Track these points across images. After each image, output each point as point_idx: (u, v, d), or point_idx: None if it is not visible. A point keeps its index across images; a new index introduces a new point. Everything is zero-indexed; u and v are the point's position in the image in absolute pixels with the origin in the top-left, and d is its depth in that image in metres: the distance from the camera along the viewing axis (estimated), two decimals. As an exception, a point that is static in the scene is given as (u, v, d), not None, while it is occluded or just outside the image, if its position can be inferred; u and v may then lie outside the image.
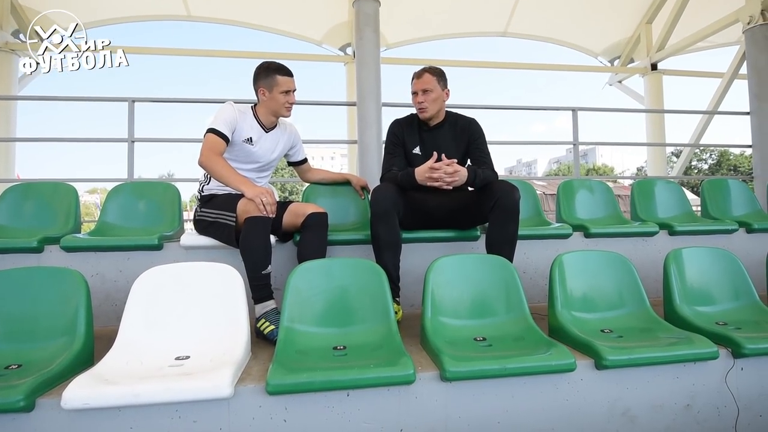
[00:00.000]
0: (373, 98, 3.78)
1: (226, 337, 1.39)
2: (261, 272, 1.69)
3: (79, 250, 1.93)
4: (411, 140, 2.13)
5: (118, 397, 1.10)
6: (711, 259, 1.87)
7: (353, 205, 2.41)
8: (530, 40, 7.42)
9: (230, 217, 1.80)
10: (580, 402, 1.37)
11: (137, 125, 3.47)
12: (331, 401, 1.23)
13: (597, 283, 1.72)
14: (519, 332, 1.52)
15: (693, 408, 1.44)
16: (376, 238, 1.86)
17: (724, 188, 2.95)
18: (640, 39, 6.96)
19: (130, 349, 1.35)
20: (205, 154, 1.83)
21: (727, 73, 5.29)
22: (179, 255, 1.98)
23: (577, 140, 4.24)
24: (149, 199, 2.31)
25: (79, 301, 1.41)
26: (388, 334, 1.44)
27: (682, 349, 1.40)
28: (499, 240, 1.87)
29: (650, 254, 2.45)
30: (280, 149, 2.11)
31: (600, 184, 2.85)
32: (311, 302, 1.51)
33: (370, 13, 3.95)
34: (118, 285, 1.95)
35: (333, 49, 6.79)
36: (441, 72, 2.10)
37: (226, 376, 1.15)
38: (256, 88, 1.99)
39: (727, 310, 1.77)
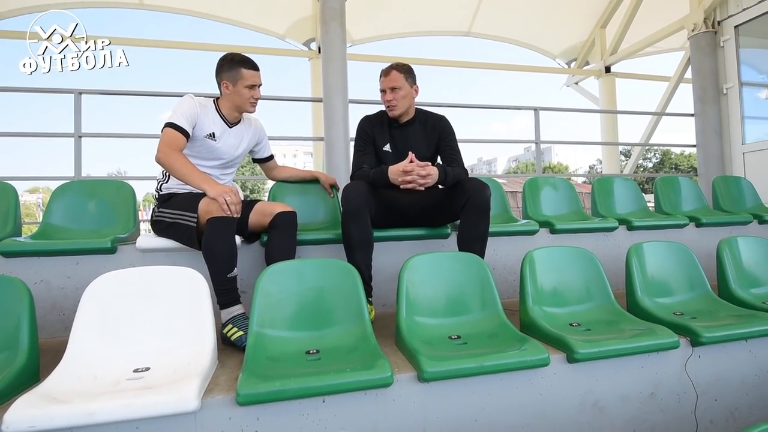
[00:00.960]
0: (340, 94, 3.72)
1: (190, 346, 1.31)
2: (226, 276, 1.60)
3: (21, 255, 1.76)
4: (381, 138, 2.10)
5: (69, 416, 1.00)
6: (668, 252, 1.96)
7: (322, 203, 2.34)
8: (493, 41, 7.58)
9: (191, 217, 1.69)
10: (554, 396, 1.40)
11: (84, 120, 3.23)
12: (306, 408, 1.18)
13: (565, 278, 1.76)
14: (493, 329, 1.52)
15: (657, 396, 1.50)
16: (347, 237, 1.82)
17: (676, 185, 3.13)
18: (595, 43, 7.27)
19: (82, 363, 1.23)
20: (163, 149, 1.71)
21: (674, 77, 5.62)
22: (135, 258, 1.85)
23: (539, 139, 4.37)
24: (100, 198, 2.14)
25: (21, 312, 1.28)
26: (363, 335, 1.40)
27: (647, 339, 1.45)
28: (471, 237, 1.88)
29: (611, 248, 2.54)
30: (245, 145, 2.02)
31: (563, 182, 2.94)
32: (282, 305, 1.44)
33: (336, 8, 3.87)
34: (65, 292, 1.79)
35: (296, 43, 6.63)
36: (409, 69, 2.08)
37: (192, 388, 1.07)
38: (219, 80, 1.89)
39: (683, 301, 1.87)
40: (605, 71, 7.21)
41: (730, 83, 4.71)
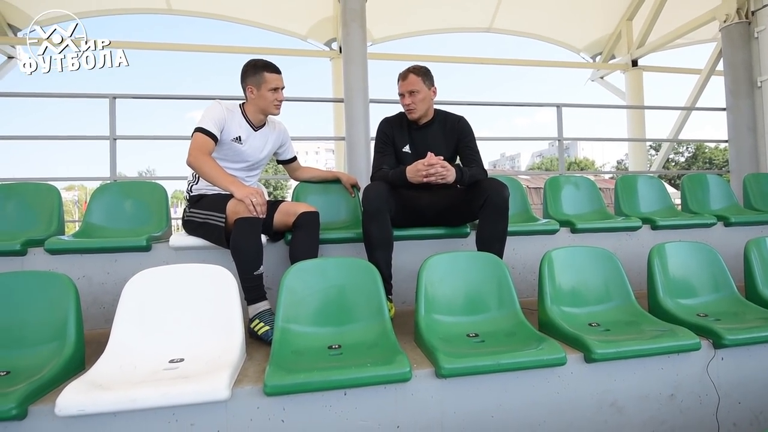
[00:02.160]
0: (361, 95, 3.77)
1: (220, 339, 1.39)
2: (253, 273, 1.68)
3: (65, 253, 1.89)
4: (400, 139, 2.14)
5: (114, 402, 1.09)
6: (692, 253, 1.94)
7: (344, 203, 2.41)
8: (515, 36, 7.48)
9: (220, 218, 1.78)
10: (570, 394, 1.41)
11: (118, 122, 3.40)
12: (329, 400, 1.24)
13: (584, 278, 1.77)
14: (510, 328, 1.55)
15: (677, 397, 1.50)
16: (368, 236, 1.87)
17: (704, 183, 3.04)
18: (621, 36, 7.09)
19: (123, 353, 1.33)
20: (193, 153, 1.80)
21: (704, 69, 5.43)
22: (168, 256, 1.96)
23: (562, 135, 4.31)
24: (135, 199, 2.26)
25: (69, 306, 1.38)
26: (383, 332, 1.45)
27: (667, 341, 1.45)
28: (490, 237, 1.90)
29: (634, 248, 2.51)
30: (270, 148, 2.10)
31: (585, 180, 2.91)
32: (306, 302, 1.51)
33: (357, 9, 3.92)
34: (105, 287, 1.91)
35: (318, 44, 6.72)
36: (426, 71, 2.10)
37: (224, 379, 1.15)
38: (244, 86, 1.97)
39: (707, 302, 1.84)
40: (632, 65, 7.02)
41: (765, 76, 4.52)
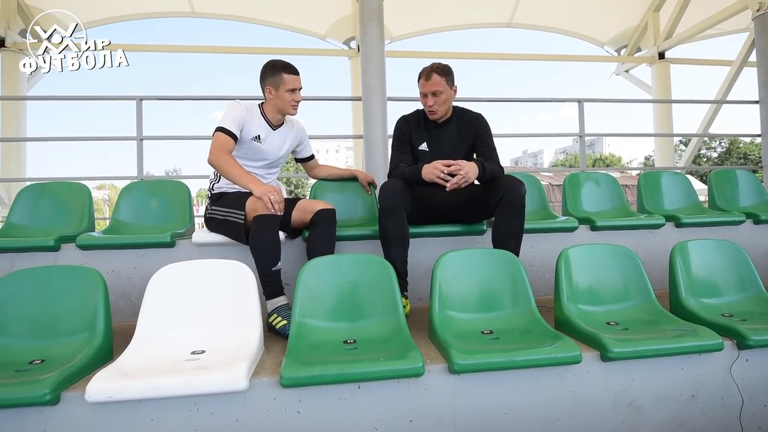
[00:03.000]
0: (378, 93, 3.78)
1: (239, 332, 1.44)
2: (271, 269, 1.72)
3: (95, 248, 1.98)
4: (417, 137, 2.15)
5: (139, 390, 1.15)
6: (717, 251, 1.88)
7: (360, 200, 2.43)
8: (536, 31, 7.35)
9: (239, 215, 1.83)
10: (586, 393, 1.40)
11: (144, 123, 3.51)
12: (343, 393, 1.27)
13: (603, 276, 1.74)
14: (525, 325, 1.54)
15: (698, 399, 1.46)
16: (384, 233, 1.89)
17: (732, 179, 2.94)
18: (648, 27, 6.87)
19: (148, 344, 1.39)
20: (215, 153, 1.86)
21: (736, 61, 5.22)
22: (191, 252, 2.03)
23: (584, 132, 4.22)
24: (160, 197, 2.35)
25: (98, 299, 1.46)
26: (397, 328, 1.47)
27: (687, 341, 1.42)
28: (506, 234, 1.89)
29: (657, 246, 2.45)
30: (288, 146, 2.14)
31: (606, 177, 2.85)
32: (322, 297, 1.54)
33: (375, 7, 3.93)
34: (132, 282, 2.00)
35: (337, 43, 6.77)
36: (449, 70, 2.07)
37: (242, 370, 1.19)
38: (263, 86, 2.01)
39: (733, 302, 1.79)
40: (658, 57, 6.80)
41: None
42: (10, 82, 5.51)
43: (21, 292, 1.46)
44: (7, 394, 1.13)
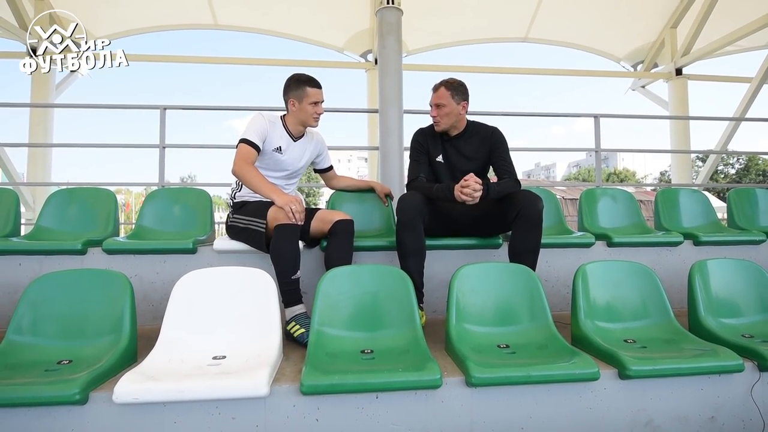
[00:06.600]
0: (395, 106, 3.84)
1: (260, 339, 1.47)
2: (291, 277, 1.76)
3: (120, 253, 2.04)
4: (434, 149, 2.18)
5: (164, 392, 1.18)
6: (737, 270, 1.86)
7: (377, 212, 2.46)
8: (552, 46, 7.39)
9: (261, 223, 1.88)
10: (603, 411, 1.39)
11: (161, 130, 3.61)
12: (361, 402, 1.29)
13: (620, 293, 1.74)
14: (542, 340, 1.55)
15: (717, 420, 1.45)
16: (401, 245, 1.92)
17: (752, 197, 2.90)
18: (665, 43, 6.85)
19: (172, 348, 1.43)
20: (239, 163, 1.91)
21: (756, 78, 5.17)
22: (212, 258, 2.07)
23: (599, 147, 4.21)
24: (183, 204, 2.41)
25: (125, 302, 1.50)
26: (414, 339, 1.49)
27: (707, 361, 1.41)
28: (522, 249, 1.90)
29: (675, 264, 2.43)
30: (308, 157, 2.19)
31: (623, 193, 2.84)
32: (340, 307, 1.57)
33: (393, 22, 4.02)
34: (155, 286, 2.05)
35: (354, 55, 6.90)
36: (458, 85, 2.10)
37: (264, 376, 1.22)
38: (286, 99, 2.07)
39: (753, 323, 1.76)
40: (676, 73, 6.77)
41: (824, 85, 4.26)
42: (40, 90, 5.71)
43: (52, 293, 1.52)
44: (39, 392, 1.17)
